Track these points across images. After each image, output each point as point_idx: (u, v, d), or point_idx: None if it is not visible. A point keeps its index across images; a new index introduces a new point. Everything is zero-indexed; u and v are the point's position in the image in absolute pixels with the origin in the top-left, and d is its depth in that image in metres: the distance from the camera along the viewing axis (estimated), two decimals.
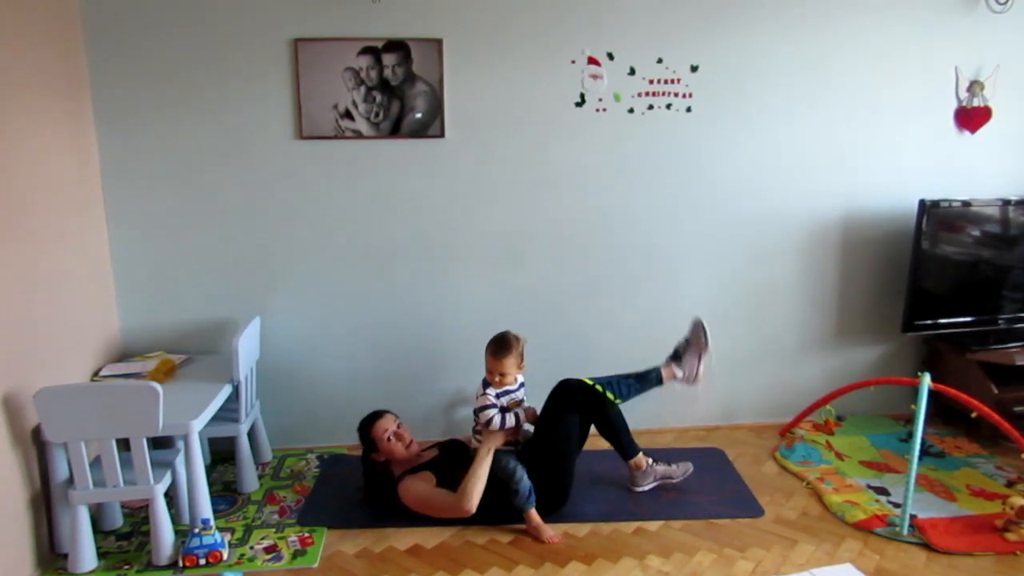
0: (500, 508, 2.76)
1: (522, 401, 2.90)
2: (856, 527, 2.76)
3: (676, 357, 3.00)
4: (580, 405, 2.83)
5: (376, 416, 2.95)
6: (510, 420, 2.81)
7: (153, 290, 3.30)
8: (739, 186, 3.51)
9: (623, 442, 2.93)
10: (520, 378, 2.92)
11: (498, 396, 2.84)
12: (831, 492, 2.99)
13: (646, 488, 2.98)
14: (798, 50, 3.41)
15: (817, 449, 3.40)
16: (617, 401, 2.84)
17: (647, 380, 2.95)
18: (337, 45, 3.18)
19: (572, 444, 2.86)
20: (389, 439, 2.88)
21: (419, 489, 2.80)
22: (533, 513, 2.74)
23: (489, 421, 2.79)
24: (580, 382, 2.86)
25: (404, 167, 3.33)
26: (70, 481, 2.51)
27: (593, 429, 2.93)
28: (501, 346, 2.83)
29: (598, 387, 2.84)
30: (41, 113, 2.72)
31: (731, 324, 3.64)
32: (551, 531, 2.72)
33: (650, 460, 2.98)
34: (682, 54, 3.36)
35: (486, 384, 2.86)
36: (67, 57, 2.95)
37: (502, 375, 2.83)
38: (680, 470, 3.02)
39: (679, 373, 2.96)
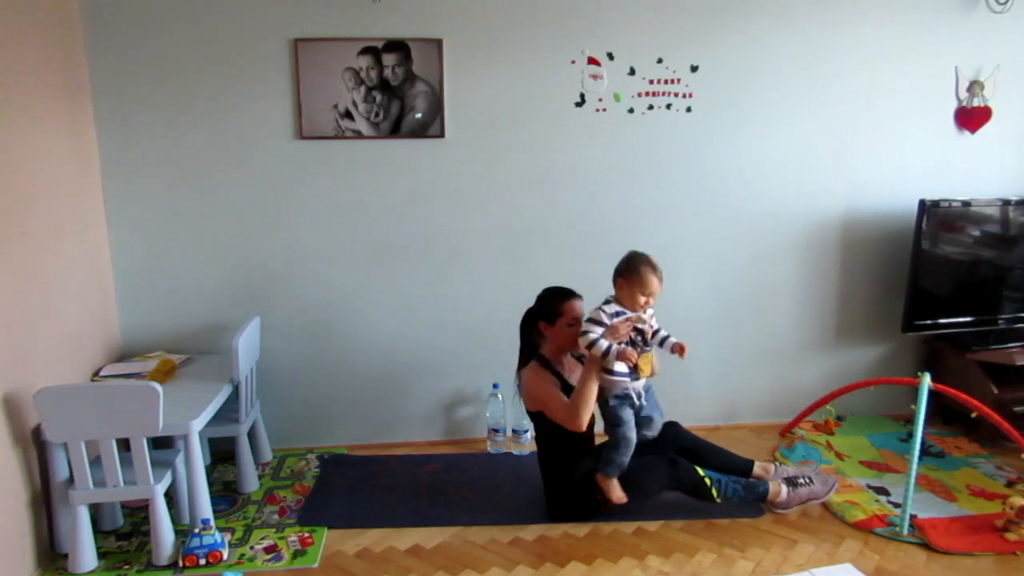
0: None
1: (652, 331, 2.68)
2: (856, 527, 2.76)
3: (791, 483, 2.85)
4: (679, 487, 2.76)
5: (574, 295, 2.79)
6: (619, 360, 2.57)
7: (153, 290, 3.30)
8: (739, 186, 3.51)
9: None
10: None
11: (614, 315, 2.59)
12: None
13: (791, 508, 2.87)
14: (798, 50, 3.41)
15: (817, 449, 3.40)
16: (718, 501, 2.74)
17: (753, 492, 2.80)
18: (337, 45, 3.18)
19: (643, 499, 2.78)
20: (570, 324, 2.73)
21: (542, 381, 2.72)
22: (609, 481, 2.65)
23: (591, 343, 2.55)
24: (693, 470, 2.75)
25: (404, 167, 3.33)
26: (70, 481, 2.51)
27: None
28: (651, 263, 2.60)
29: (707, 480, 2.74)
30: (41, 114, 2.72)
31: (731, 324, 3.65)
32: (620, 493, 2.64)
33: (780, 483, 2.85)
34: (682, 54, 3.36)
35: (606, 301, 2.63)
36: (67, 58, 2.95)
37: (650, 296, 2.60)
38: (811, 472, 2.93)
39: (783, 496, 2.81)
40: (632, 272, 2.61)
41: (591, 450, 2.84)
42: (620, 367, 2.60)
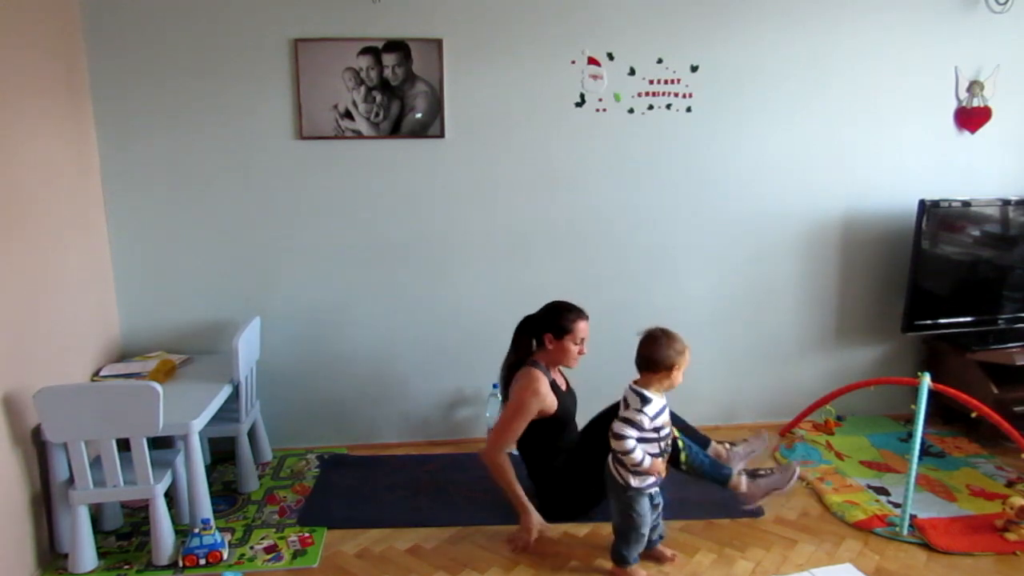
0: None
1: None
2: (856, 527, 2.76)
3: (751, 475, 2.76)
4: None
5: (584, 315, 2.78)
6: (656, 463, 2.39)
7: (153, 290, 3.30)
8: (739, 186, 3.51)
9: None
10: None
11: (653, 417, 2.38)
12: (831, 492, 2.99)
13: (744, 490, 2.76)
14: (798, 50, 3.41)
15: (817, 449, 3.40)
16: (683, 467, 2.64)
17: (717, 471, 2.70)
18: (337, 45, 3.18)
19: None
20: (576, 343, 2.75)
21: (532, 397, 2.68)
22: (627, 571, 2.48)
23: (628, 452, 2.34)
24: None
25: (404, 167, 3.33)
26: (70, 481, 2.51)
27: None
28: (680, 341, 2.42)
29: (680, 442, 2.64)
30: (42, 116, 2.72)
31: (731, 324, 3.65)
32: None
33: (740, 475, 2.74)
34: (682, 54, 3.36)
35: (644, 398, 2.38)
36: (67, 60, 2.95)
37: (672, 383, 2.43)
38: (757, 445, 2.88)
39: (744, 487, 2.71)
40: (670, 358, 2.39)
41: (575, 445, 2.84)
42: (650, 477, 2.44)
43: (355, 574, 2.53)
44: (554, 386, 2.81)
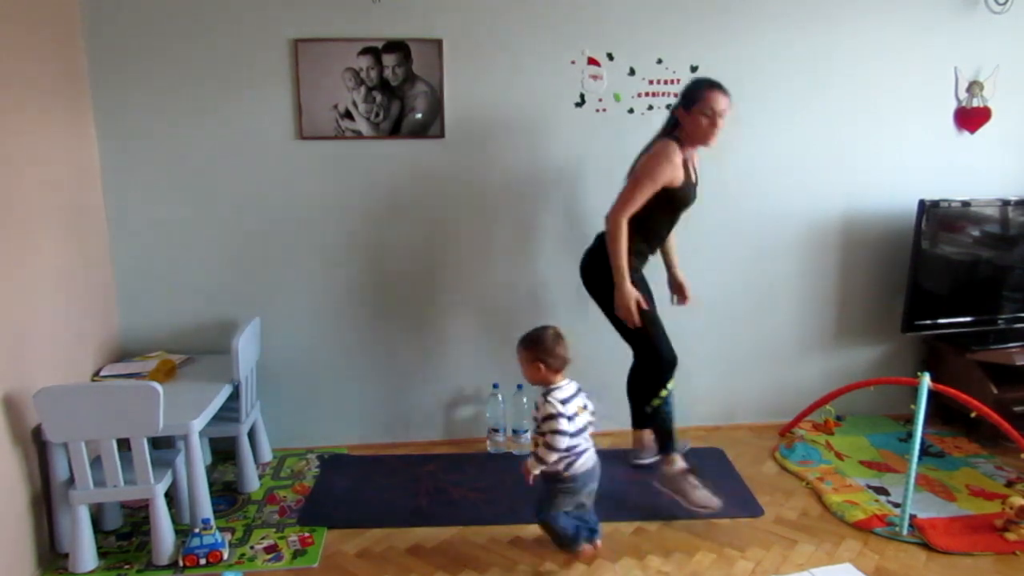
0: None
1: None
2: (856, 527, 2.76)
3: (689, 471, 2.79)
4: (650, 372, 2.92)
5: (719, 88, 2.64)
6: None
7: (153, 290, 3.30)
8: (739, 186, 3.51)
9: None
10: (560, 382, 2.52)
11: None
12: (831, 492, 3.00)
13: (645, 461, 3.06)
14: (798, 50, 3.41)
15: (817, 449, 3.41)
16: (655, 403, 2.84)
17: (674, 438, 2.91)
18: (337, 45, 3.18)
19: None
20: (706, 114, 2.61)
21: (669, 159, 2.62)
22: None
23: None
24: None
25: (404, 167, 3.33)
26: (70, 481, 2.51)
27: None
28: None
29: (667, 389, 2.76)
30: (42, 115, 2.72)
31: (731, 324, 3.65)
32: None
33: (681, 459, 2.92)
34: (682, 54, 3.36)
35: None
36: (67, 59, 2.95)
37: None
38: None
39: (676, 466, 2.79)
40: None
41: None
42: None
43: (355, 574, 2.53)
44: (685, 165, 2.71)
